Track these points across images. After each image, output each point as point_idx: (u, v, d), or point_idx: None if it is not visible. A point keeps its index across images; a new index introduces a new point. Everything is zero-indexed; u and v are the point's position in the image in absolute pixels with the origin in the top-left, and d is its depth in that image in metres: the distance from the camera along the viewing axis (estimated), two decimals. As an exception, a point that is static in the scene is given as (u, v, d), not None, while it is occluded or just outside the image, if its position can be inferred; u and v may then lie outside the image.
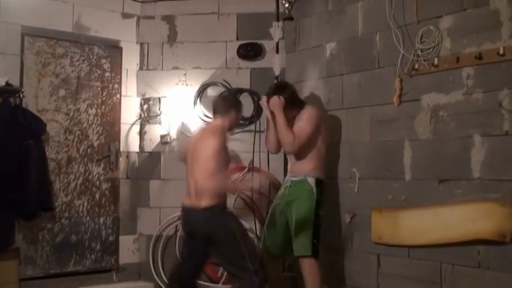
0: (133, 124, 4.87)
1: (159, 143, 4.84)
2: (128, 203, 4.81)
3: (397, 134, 3.78)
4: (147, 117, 4.88)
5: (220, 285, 4.50)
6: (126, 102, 4.83)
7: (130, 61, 4.87)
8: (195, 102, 4.77)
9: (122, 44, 4.83)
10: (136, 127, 4.89)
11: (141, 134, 4.89)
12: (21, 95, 4.17)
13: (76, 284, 4.39)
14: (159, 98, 4.87)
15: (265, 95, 3.99)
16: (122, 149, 4.78)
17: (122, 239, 4.75)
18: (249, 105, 4.61)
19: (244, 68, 4.78)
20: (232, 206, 4.26)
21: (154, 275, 4.65)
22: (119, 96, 4.78)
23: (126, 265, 4.75)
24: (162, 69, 4.88)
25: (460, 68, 3.43)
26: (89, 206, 4.58)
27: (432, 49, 3.58)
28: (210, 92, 4.78)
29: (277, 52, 4.64)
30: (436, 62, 3.53)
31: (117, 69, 4.78)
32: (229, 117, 3.63)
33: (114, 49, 4.79)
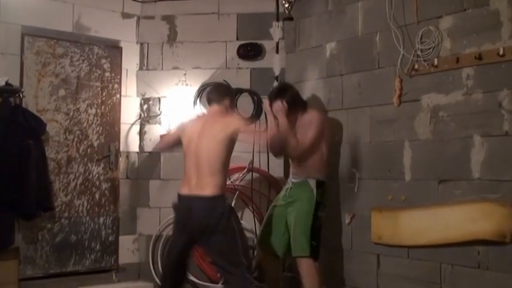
0: (133, 124, 4.86)
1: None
2: (128, 203, 4.81)
3: (397, 134, 3.78)
4: (147, 117, 4.88)
5: (220, 285, 4.49)
6: (126, 102, 4.83)
7: (130, 61, 4.87)
8: (195, 102, 4.76)
9: (122, 44, 4.83)
10: (136, 127, 4.88)
11: (141, 134, 4.89)
12: (21, 95, 4.16)
13: (76, 284, 4.38)
14: (159, 98, 4.87)
15: (267, 98, 3.98)
16: (121, 149, 4.77)
17: (121, 239, 4.74)
18: (249, 105, 4.61)
19: (244, 68, 4.78)
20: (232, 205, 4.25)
21: (154, 275, 4.64)
22: (118, 96, 4.78)
23: (126, 265, 4.75)
24: (162, 69, 4.88)
25: (460, 69, 3.43)
26: (88, 206, 4.57)
27: (432, 49, 3.58)
28: (210, 92, 4.78)
29: (277, 52, 4.65)
30: (436, 62, 3.53)
31: (117, 69, 4.78)
32: (224, 104, 3.65)
33: (114, 49, 4.78)
